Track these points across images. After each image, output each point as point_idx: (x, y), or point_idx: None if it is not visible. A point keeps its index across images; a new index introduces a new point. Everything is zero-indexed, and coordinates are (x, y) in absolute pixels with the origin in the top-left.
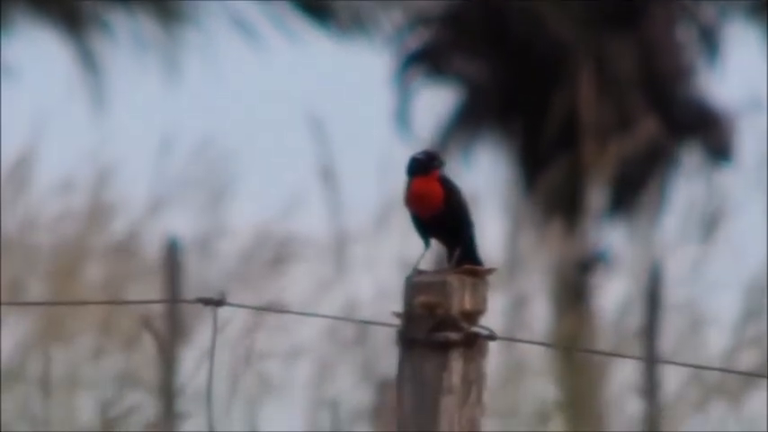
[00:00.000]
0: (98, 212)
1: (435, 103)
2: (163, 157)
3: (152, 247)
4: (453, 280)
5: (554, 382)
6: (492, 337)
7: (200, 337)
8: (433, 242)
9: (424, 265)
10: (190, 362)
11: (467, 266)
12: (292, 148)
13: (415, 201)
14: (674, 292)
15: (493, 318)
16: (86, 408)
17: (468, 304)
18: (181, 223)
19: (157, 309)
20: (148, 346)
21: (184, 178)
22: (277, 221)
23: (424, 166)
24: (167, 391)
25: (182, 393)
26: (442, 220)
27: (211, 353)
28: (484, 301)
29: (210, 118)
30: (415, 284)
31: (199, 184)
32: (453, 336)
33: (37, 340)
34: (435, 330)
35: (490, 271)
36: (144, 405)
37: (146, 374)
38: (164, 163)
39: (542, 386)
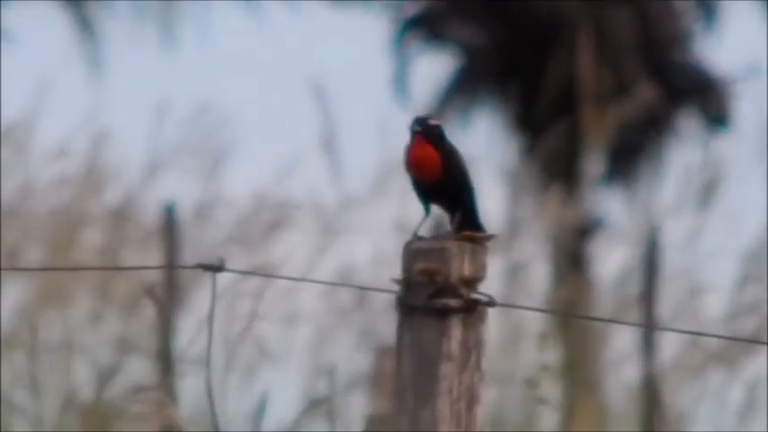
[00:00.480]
0: (95, 179)
1: (433, 68)
2: (159, 123)
3: (149, 214)
4: (453, 246)
5: (552, 349)
6: (491, 303)
7: (198, 302)
8: (434, 208)
9: (423, 232)
10: (188, 328)
11: (466, 233)
12: (289, 114)
13: (414, 166)
14: (672, 259)
15: (491, 284)
16: (84, 374)
17: (467, 271)
18: (178, 189)
19: (155, 274)
20: (147, 311)
21: (182, 144)
22: (275, 187)
23: (424, 132)
24: (166, 357)
25: (180, 359)
26: (442, 186)
27: (210, 318)
28: (483, 267)
29: (208, 84)
30: (415, 251)
31: (196, 150)
32: (452, 302)
33: (34, 306)
34: (434, 297)
35: (490, 237)
36: (142, 371)
37: (144, 340)
38: (160, 129)
39: (540, 352)
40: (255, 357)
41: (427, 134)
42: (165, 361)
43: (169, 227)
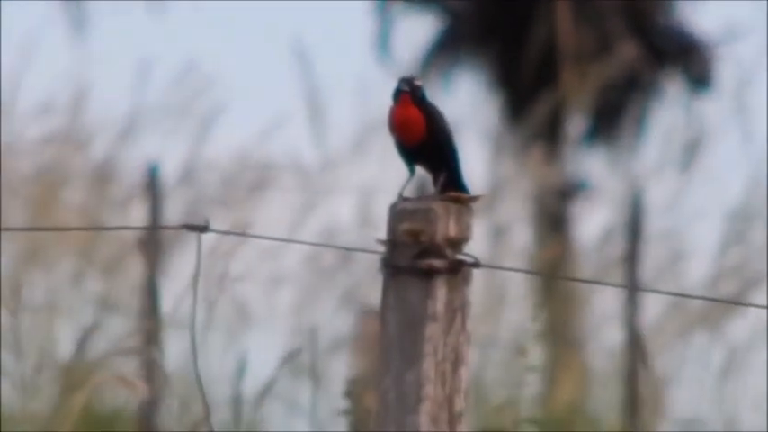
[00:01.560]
0: (78, 138)
1: (416, 30)
2: (143, 83)
3: (133, 174)
4: (438, 207)
5: (535, 310)
6: (476, 264)
7: (180, 263)
8: (418, 169)
9: (408, 192)
10: (170, 288)
11: (451, 193)
12: (272, 75)
13: (398, 128)
14: (654, 220)
15: (474, 245)
16: (67, 334)
17: (452, 231)
18: (162, 149)
19: (139, 234)
20: (131, 271)
21: (166, 104)
22: (258, 147)
23: (407, 93)
24: (150, 317)
25: (164, 319)
26: (426, 147)
27: (195, 278)
28: (468, 228)
29: (192, 44)
30: (400, 211)
31: (181, 110)
32: (438, 263)
33: (17, 266)
34: (419, 258)
35: (475, 198)
36: (125, 331)
37: (127, 300)
38: (144, 88)
39: (523, 314)
40: (238, 318)
41: (413, 95)
42: (149, 321)
43: (152, 187)
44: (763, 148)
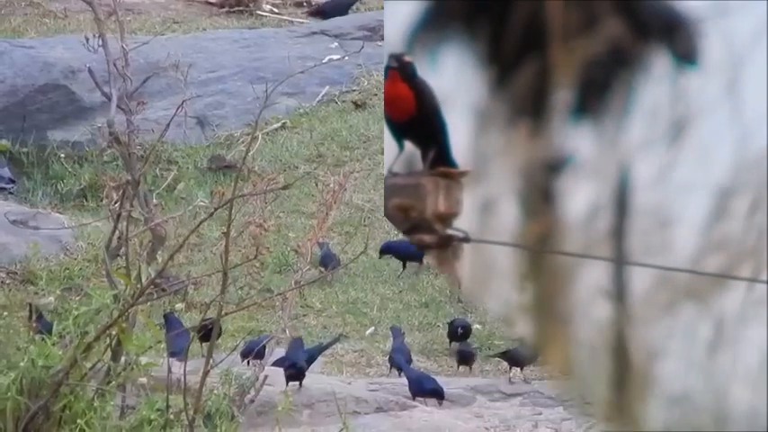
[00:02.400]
0: None
1: (402, 6)
2: None
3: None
4: (427, 182)
5: (522, 285)
6: (466, 239)
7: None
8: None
9: (397, 168)
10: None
11: (441, 169)
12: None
13: (388, 104)
14: (642, 195)
15: (461, 220)
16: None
17: (442, 207)
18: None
19: None
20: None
21: None
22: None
23: (396, 70)
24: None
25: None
26: (414, 123)
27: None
28: (458, 203)
29: None
30: (390, 186)
31: None
32: (428, 238)
33: None
34: (410, 232)
35: (464, 173)
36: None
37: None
38: None
39: (510, 289)
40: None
41: (402, 71)
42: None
43: None
44: (753, 123)
